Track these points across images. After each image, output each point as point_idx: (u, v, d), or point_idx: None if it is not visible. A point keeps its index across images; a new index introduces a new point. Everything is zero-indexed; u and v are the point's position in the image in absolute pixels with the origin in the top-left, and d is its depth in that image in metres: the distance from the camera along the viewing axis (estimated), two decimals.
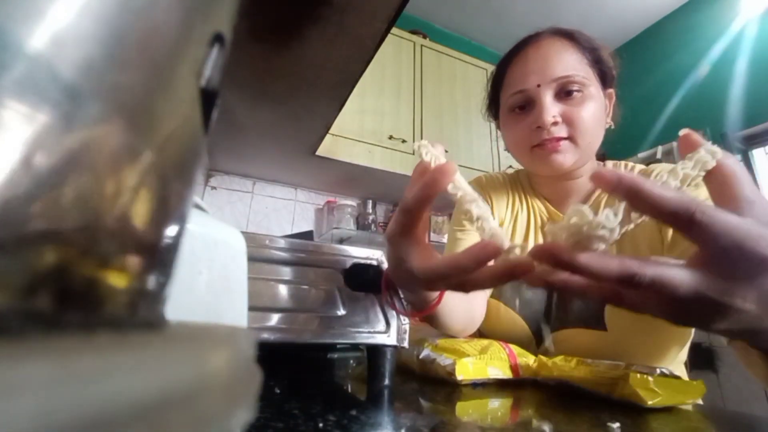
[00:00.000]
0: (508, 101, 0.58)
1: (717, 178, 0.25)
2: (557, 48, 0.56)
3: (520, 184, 0.65)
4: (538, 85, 0.54)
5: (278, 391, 0.34)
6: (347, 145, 1.55)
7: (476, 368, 0.47)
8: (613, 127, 0.59)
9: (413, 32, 1.97)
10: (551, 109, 0.53)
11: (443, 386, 0.46)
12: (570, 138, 0.54)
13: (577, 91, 0.54)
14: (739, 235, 0.21)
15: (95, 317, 0.08)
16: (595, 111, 0.54)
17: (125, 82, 0.08)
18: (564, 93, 0.54)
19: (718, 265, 0.22)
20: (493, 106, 0.64)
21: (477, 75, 2.07)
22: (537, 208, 0.62)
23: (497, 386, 0.49)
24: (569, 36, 0.58)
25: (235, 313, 0.25)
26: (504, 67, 0.61)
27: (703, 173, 0.26)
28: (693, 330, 0.54)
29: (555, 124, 0.53)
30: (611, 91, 0.60)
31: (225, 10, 0.12)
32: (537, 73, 0.54)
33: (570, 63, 0.55)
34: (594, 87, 0.55)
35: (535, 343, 0.57)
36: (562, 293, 0.54)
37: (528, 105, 0.56)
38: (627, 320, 0.50)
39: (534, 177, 0.64)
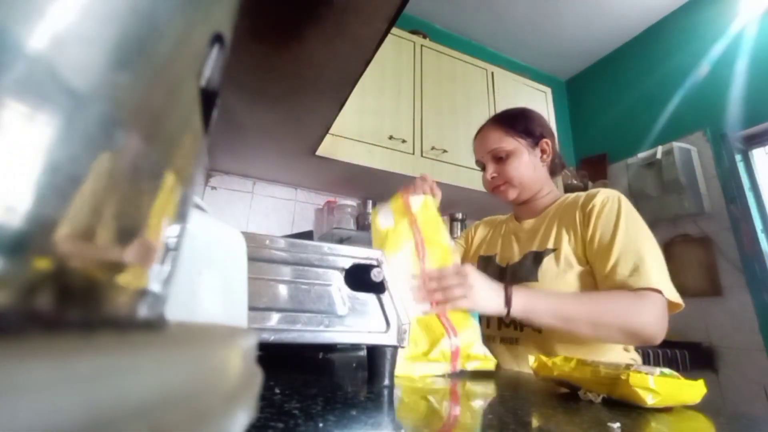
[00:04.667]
0: (477, 164, 0.97)
1: None
2: (490, 131, 0.91)
3: (504, 219, 1.04)
4: (482, 156, 0.92)
5: (278, 391, 0.34)
6: (347, 145, 1.55)
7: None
8: (545, 164, 0.94)
9: (413, 32, 1.96)
10: (491, 169, 0.90)
11: (443, 386, 0.46)
12: (506, 182, 0.88)
13: (504, 155, 0.87)
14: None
15: (95, 317, 0.08)
16: (519, 164, 0.87)
17: (125, 83, 0.08)
18: (497, 158, 0.89)
19: None
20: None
21: (477, 75, 2.07)
22: (509, 223, 0.99)
23: (497, 386, 0.49)
24: (498, 120, 0.93)
25: (235, 313, 0.25)
26: (473, 145, 0.99)
27: None
28: None
29: (494, 177, 0.89)
30: (546, 141, 0.90)
31: (225, 10, 0.12)
32: (481, 149, 0.92)
33: (497, 139, 0.89)
34: (517, 151, 0.87)
35: None
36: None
37: (483, 168, 0.93)
38: (550, 274, 0.77)
39: (513, 206, 1.00)
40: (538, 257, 0.80)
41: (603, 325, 0.65)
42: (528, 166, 0.88)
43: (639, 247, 0.70)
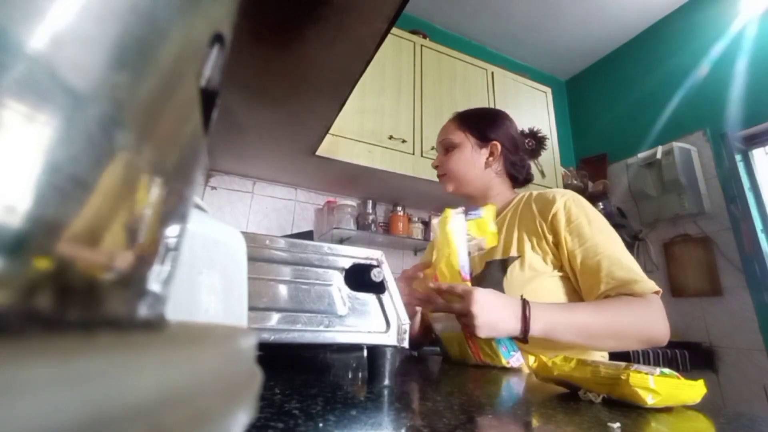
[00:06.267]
0: None
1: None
2: (447, 124, 0.96)
3: None
4: (435, 146, 0.97)
5: (278, 391, 0.34)
6: (347, 145, 1.55)
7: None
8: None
9: (413, 32, 1.96)
10: (437, 159, 0.95)
11: (443, 386, 0.46)
12: (445, 174, 0.92)
13: (450, 147, 0.91)
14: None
15: (95, 317, 0.08)
16: (458, 159, 0.90)
17: (125, 83, 0.08)
18: (445, 149, 0.92)
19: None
20: None
21: (477, 75, 2.07)
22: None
23: (497, 386, 0.49)
24: (457, 114, 0.96)
25: (235, 313, 0.25)
26: None
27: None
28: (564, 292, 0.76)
29: (436, 167, 0.95)
30: (496, 143, 0.90)
31: (225, 10, 0.12)
32: (437, 138, 0.96)
33: (447, 131, 0.93)
34: (462, 145, 0.90)
35: None
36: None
37: None
38: (517, 282, 0.74)
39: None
40: (503, 265, 0.78)
41: (624, 338, 0.65)
42: (468, 162, 0.89)
43: (621, 250, 0.71)
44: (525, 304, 0.63)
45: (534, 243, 0.77)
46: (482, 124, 0.91)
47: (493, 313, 0.61)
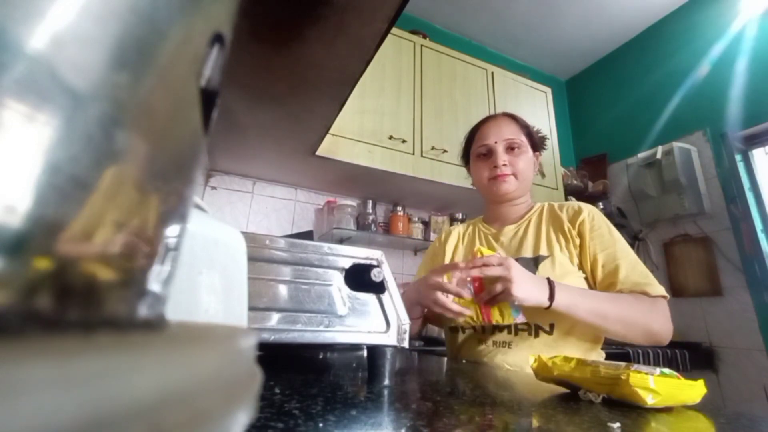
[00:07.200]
0: (476, 151, 0.96)
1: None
2: (506, 122, 0.95)
3: (471, 223, 1.06)
4: (495, 142, 0.91)
5: (278, 391, 0.34)
6: (347, 145, 1.55)
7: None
8: (542, 176, 1.04)
9: (413, 32, 1.96)
10: (503, 156, 0.90)
11: (443, 387, 0.46)
12: (513, 174, 0.90)
13: (517, 148, 0.91)
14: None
15: (95, 317, 0.08)
16: (526, 161, 0.92)
17: (125, 83, 0.08)
18: (509, 148, 0.91)
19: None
20: (465, 157, 1.04)
21: (477, 75, 2.07)
22: (480, 228, 1.00)
23: (497, 386, 0.49)
24: (514, 117, 0.97)
25: (235, 313, 0.25)
26: (474, 132, 1.00)
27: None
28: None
29: (504, 165, 0.90)
30: (538, 153, 0.98)
31: (225, 10, 0.12)
32: (494, 135, 0.92)
33: (513, 131, 0.93)
34: (526, 148, 0.93)
35: None
36: None
37: (488, 154, 0.93)
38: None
39: (484, 208, 1.03)
40: (533, 263, 0.83)
41: (632, 325, 0.72)
42: (531, 167, 0.94)
43: (636, 258, 0.80)
44: (549, 280, 0.71)
45: (562, 244, 0.84)
46: (533, 133, 0.97)
47: (527, 283, 0.68)
